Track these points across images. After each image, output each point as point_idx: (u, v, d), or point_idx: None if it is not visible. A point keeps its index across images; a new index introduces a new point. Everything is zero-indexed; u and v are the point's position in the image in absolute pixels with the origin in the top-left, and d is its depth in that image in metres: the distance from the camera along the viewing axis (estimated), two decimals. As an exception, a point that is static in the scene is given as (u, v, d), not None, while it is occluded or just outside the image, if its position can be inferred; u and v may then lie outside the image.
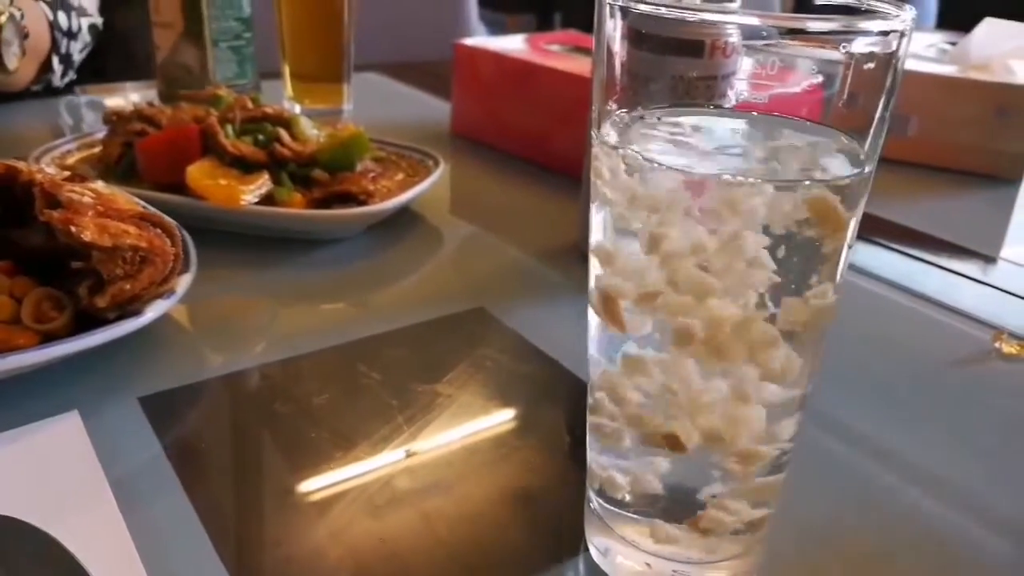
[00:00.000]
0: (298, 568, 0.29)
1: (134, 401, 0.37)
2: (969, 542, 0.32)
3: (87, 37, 0.83)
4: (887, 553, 0.31)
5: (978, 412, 0.41)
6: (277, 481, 0.34)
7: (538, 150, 0.69)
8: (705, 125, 0.27)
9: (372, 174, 0.56)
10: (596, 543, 0.30)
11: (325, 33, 0.79)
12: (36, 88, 0.81)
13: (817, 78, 0.25)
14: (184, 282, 0.40)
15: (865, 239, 0.60)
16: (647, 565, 0.28)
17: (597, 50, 0.27)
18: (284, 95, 0.80)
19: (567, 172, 0.64)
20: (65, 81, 0.83)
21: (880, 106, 0.25)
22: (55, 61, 0.78)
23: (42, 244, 0.37)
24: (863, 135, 0.25)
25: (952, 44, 0.88)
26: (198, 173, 0.51)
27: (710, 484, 0.26)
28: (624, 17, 0.25)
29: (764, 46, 0.24)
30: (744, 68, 0.28)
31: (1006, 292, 0.53)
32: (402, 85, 0.96)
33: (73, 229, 0.34)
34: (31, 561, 0.28)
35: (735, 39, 0.52)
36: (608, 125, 0.26)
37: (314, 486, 0.33)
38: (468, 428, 0.37)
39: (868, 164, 0.25)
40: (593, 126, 0.26)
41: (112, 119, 0.59)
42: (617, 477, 0.27)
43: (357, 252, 0.53)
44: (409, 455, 0.35)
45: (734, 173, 0.24)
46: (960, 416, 0.40)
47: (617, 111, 0.26)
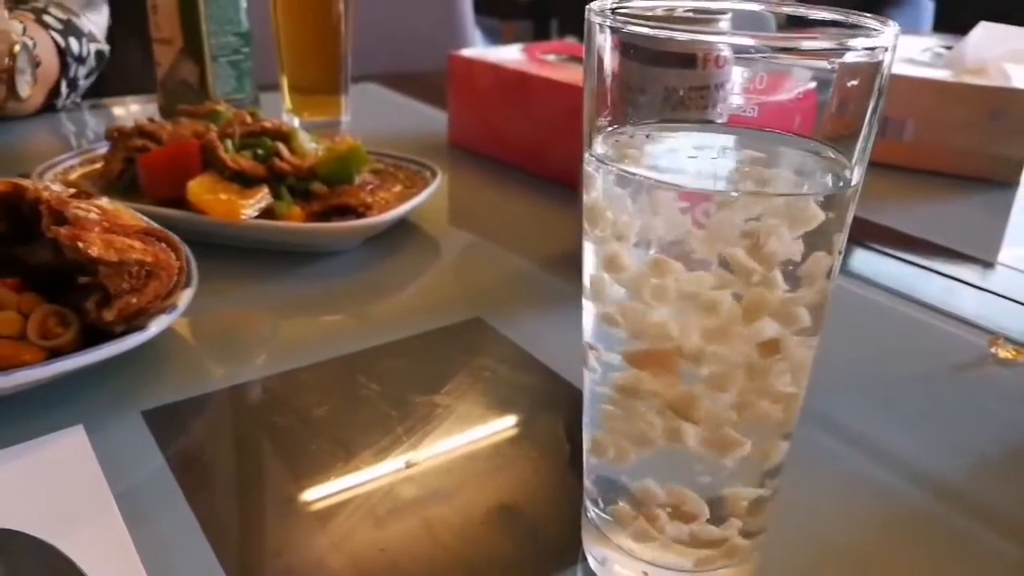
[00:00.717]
0: (300, 579, 0.29)
1: (137, 415, 0.38)
2: (967, 544, 0.32)
3: (93, 62, 0.84)
4: (884, 555, 0.32)
5: (975, 417, 0.41)
6: (278, 492, 0.34)
7: (534, 160, 0.69)
8: (695, 142, 0.27)
9: (370, 186, 0.57)
10: (594, 553, 0.30)
11: (323, 45, 0.80)
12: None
13: (809, 85, 0.26)
14: (186, 296, 0.40)
15: (860, 244, 0.60)
16: (644, 574, 0.28)
17: (587, 63, 0.27)
18: (283, 107, 0.81)
19: (563, 181, 0.65)
20: (68, 102, 0.84)
21: (867, 118, 0.25)
22: (63, 85, 0.80)
23: (48, 260, 0.37)
24: (851, 145, 0.26)
25: (948, 48, 0.89)
26: (199, 188, 0.51)
27: (707, 493, 0.26)
28: (614, 33, 0.25)
29: (756, 57, 0.24)
30: (736, 77, 0.28)
31: (1002, 297, 0.53)
32: (399, 96, 0.97)
33: (80, 245, 0.35)
34: (38, 574, 0.28)
35: (727, 51, 0.53)
36: (599, 141, 0.26)
37: (315, 496, 0.34)
38: (466, 438, 0.38)
39: (855, 176, 0.25)
40: (584, 142, 0.27)
41: (114, 135, 0.59)
42: (613, 487, 0.28)
43: (356, 263, 0.54)
44: (409, 465, 0.35)
45: (723, 189, 0.24)
46: (957, 422, 0.41)
47: (608, 127, 0.27)
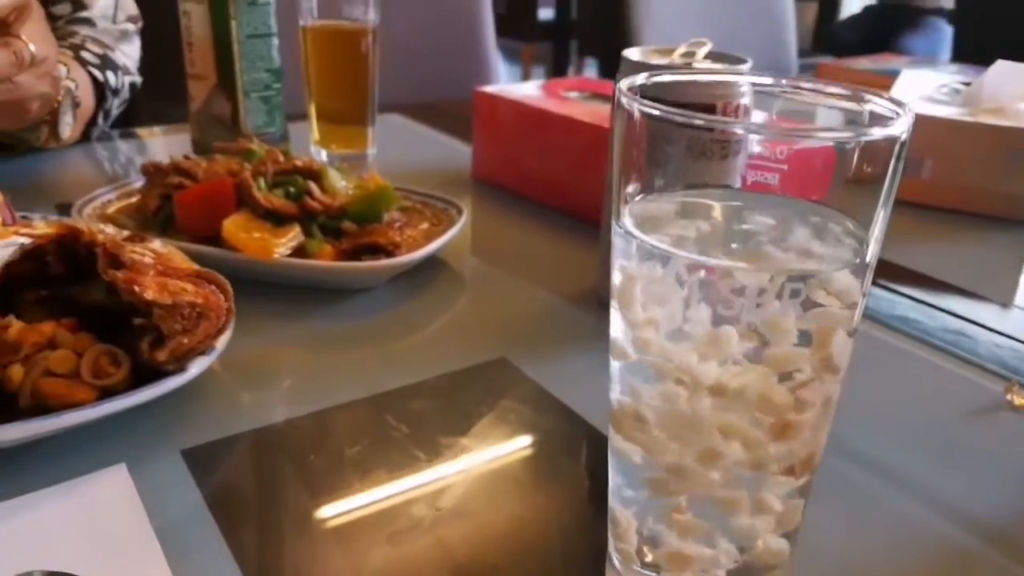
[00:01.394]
0: (334, 621, 0.31)
1: (176, 454, 0.39)
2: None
3: (127, 94, 0.87)
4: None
5: (988, 465, 0.42)
6: (311, 529, 0.35)
7: (557, 196, 0.71)
8: (717, 213, 0.28)
9: (398, 224, 0.58)
10: (617, 598, 0.31)
11: (351, 79, 0.82)
12: None
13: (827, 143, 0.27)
14: (224, 338, 0.42)
15: (875, 283, 0.61)
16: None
17: (616, 135, 0.28)
18: (311, 139, 0.83)
19: (585, 218, 0.66)
20: (99, 132, 0.87)
21: (883, 195, 0.26)
22: (99, 118, 0.82)
23: (102, 300, 0.39)
24: (867, 216, 0.27)
25: (966, 84, 0.90)
26: (233, 227, 0.53)
27: (730, 541, 0.27)
28: (644, 115, 0.27)
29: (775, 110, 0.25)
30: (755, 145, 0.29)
31: (1019, 341, 0.54)
32: (423, 127, 0.98)
33: (137, 288, 0.37)
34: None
35: (748, 100, 0.54)
36: (627, 212, 0.28)
37: (347, 534, 0.35)
38: (491, 482, 0.39)
39: (869, 251, 0.26)
40: (612, 213, 0.28)
41: (150, 171, 0.61)
42: (638, 535, 0.29)
43: (384, 299, 0.55)
44: (437, 509, 0.37)
45: (743, 266, 0.25)
46: (972, 470, 0.41)
47: (636, 197, 0.28)
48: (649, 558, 0.29)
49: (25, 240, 0.39)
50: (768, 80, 0.30)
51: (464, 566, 0.33)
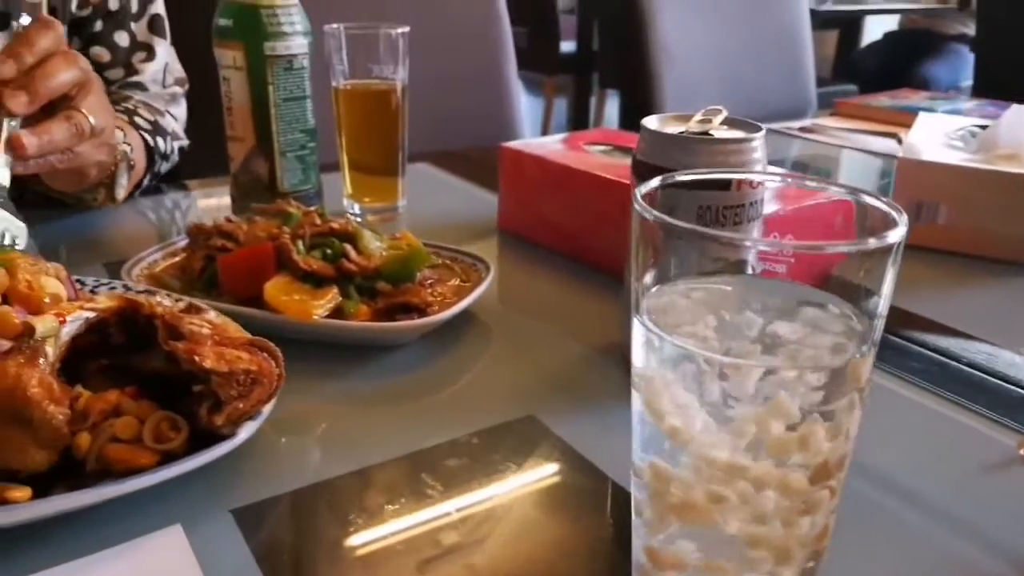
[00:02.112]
0: None
1: (227, 513, 0.42)
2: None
3: (175, 158, 0.91)
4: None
5: (999, 521, 0.43)
6: (356, 592, 0.38)
7: (580, 248, 0.74)
8: (729, 302, 0.31)
9: (429, 281, 0.61)
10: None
11: (382, 134, 0.85)
12: None
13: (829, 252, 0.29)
14: (270, 403, 0.45)
15: (888, 331, 0.63)
16: None
17: (634, 233, 0.31)
18: (343, 191, 0.86)
19: (608, 270, 0.68)
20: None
21: (884, 286, 0.28)
22: (146, 179, 0.87)
23: (161, 368, 0.42)
24: (871, 301, 0.29)
25: (981, 128, 0.91)
26: (274, 290, 0.56)
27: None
28: (660, 226, 0.29)
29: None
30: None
31: (1033, 393, 0.55)
32: (450, 176, 1.02)
33: (196, 358, 0.40)
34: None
35: (762, 169, 0.56)
36: (646, 301, 0.30)
37: (388, 597, 0.38)
38: (522, 543, 0.41)
39: (869, 340, 0.28)
40: (632, 307, 0.30)
41: (194, 233, 0.65)
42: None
43: (417, 355, 0.58)
44: (470, 569, 0.39)
45: (753, 363, 0.28)
46: (983, 525, 0.43)
47: (653, 287, 0.31)
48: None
49: (90, 314, 0.43)
50: (776, 177, 0.33)
51: (498, 624, 0.36)
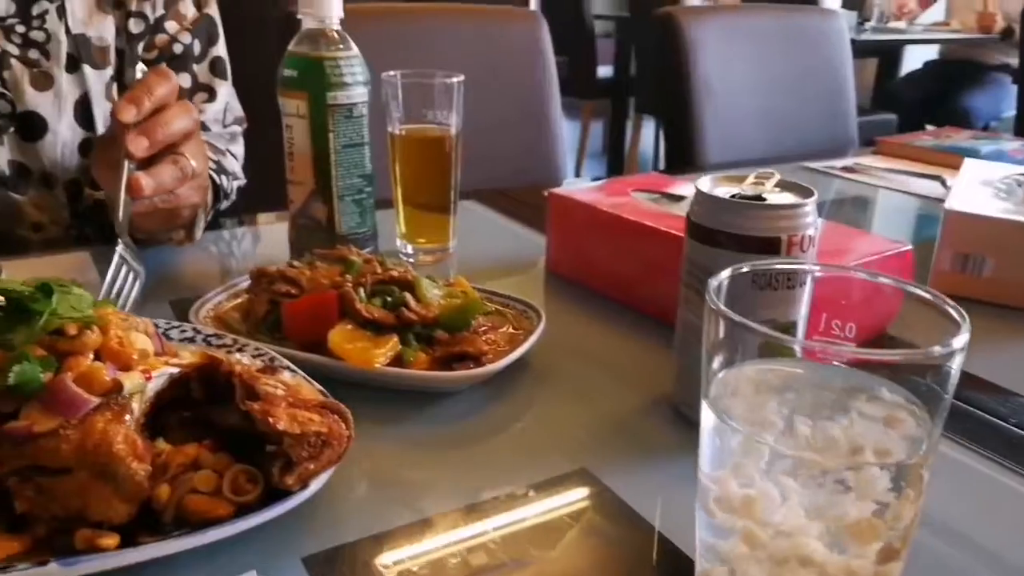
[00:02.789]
0: None
1: (298, 561, 0.44)
2: None
3: (234, 196, 0.95)
4: None
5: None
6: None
7: (630, 295, 0.75)
8: (792, 388, 0.32)
9: (484, 329, 0.64)
10: None
11: (436, 177, 0.88)
12: None
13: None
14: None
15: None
16: None
17: (705, 329, 0.33)
18: (396, 231, 0.89)
19: (659, 317, 0.70)
20: None
21: (948, 390, 0.30)
22: (209, 216, 0.91)
23: (237, 424, 0.45)
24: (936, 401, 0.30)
25: (1027, 175, 0.92)
26: (338, 338, 0.58)
27: None
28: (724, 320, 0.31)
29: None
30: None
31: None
32: (499, 216, 1.05)
33: (271, 420, 0.42)
34: None
35: (813, 232, 0.58)
36: (714, 387, 0.32)
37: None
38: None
39: (935, 436, 0.30)
40: (702, 391, 0.32)
41: (258, 276, 0.68)
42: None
43: (472, 402, 0.60)
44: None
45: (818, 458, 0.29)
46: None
47: (719, 372, 0.32)
48: None
49: (173, 370, 0.45)
50: (821, 269, 0.34)
51: None
